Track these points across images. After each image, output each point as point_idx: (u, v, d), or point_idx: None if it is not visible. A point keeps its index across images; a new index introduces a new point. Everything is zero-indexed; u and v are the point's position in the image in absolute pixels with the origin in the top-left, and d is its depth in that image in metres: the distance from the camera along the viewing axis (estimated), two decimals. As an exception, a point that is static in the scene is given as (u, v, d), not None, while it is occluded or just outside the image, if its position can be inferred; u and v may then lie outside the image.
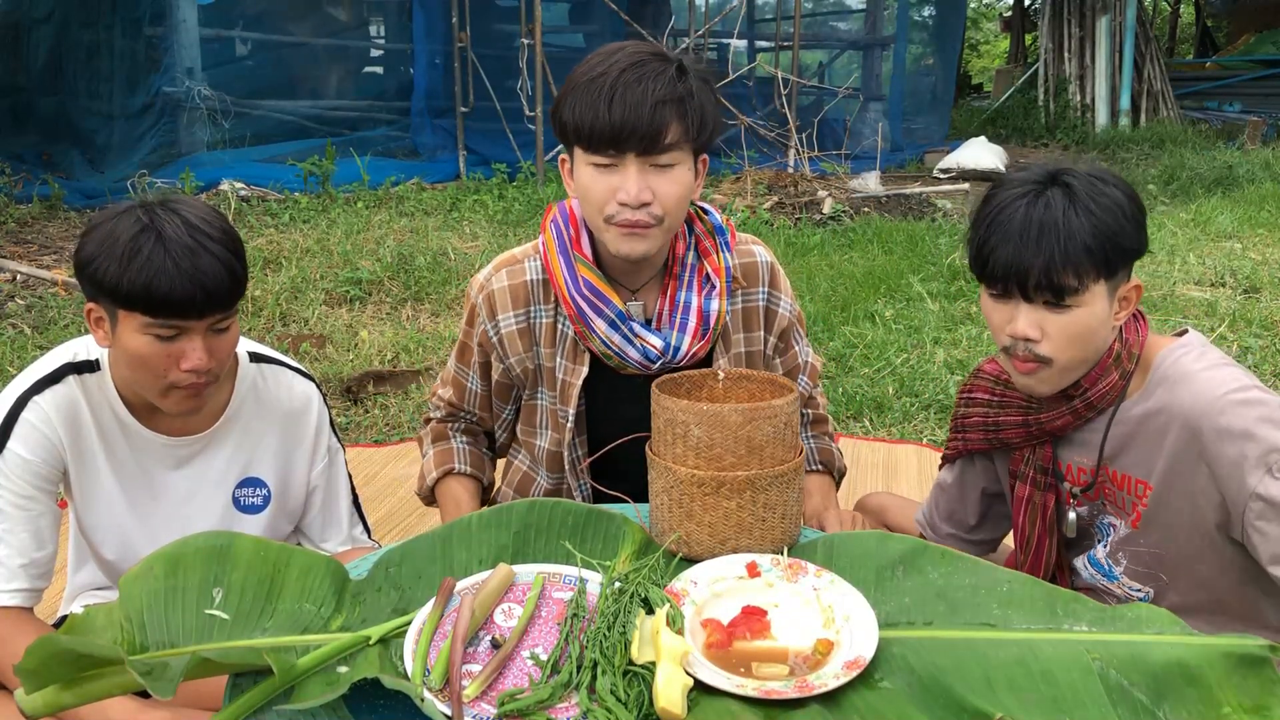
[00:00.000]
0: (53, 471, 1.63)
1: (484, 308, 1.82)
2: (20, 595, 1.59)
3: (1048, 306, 1.48)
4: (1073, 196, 1.46)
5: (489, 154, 9.00)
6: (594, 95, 1.57)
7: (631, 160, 1.60)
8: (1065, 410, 1.59)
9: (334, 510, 1.89)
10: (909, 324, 4.94)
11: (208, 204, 1.61)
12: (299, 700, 1.12)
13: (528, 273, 1.80)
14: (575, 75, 1.63)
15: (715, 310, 1.77)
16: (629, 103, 1.56)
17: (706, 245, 1.80)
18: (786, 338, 1.93)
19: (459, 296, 5.37)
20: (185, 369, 1.54)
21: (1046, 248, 1.43)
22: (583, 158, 1.63)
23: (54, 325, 4.75)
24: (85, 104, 8.16)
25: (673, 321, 1.76)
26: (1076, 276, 1.44)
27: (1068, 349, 1.49)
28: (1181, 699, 1.11)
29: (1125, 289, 1.52)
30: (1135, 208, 1.49)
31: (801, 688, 1.13)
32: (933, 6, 13.61)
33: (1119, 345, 1.55)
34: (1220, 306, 5.18)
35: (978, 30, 25.29)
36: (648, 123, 1.56)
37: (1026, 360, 1.52)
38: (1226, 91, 14.05)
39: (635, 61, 1.59)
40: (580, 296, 1.73)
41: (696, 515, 1.39)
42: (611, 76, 1.57)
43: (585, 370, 1.78)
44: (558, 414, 1.83)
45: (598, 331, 1.73)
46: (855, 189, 8.57)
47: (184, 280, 1.48)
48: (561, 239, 1.78)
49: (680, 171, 1.64)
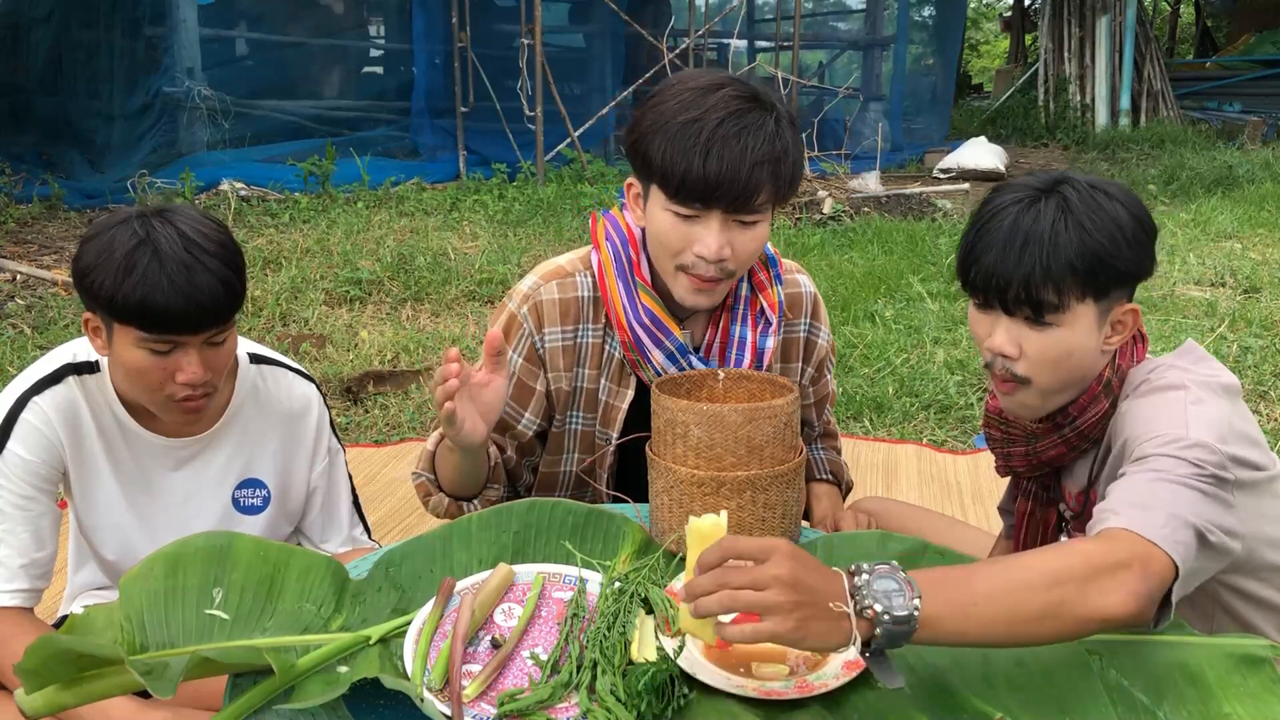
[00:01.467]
0: (53, 472, 1.63)
1: (530, 318, 1.70)
2: (20, 595, 1.59)
3: (1028, 323, 1.39)
4: (1067, 208, 1.36)
5: (489, 154, 9.00)
6: (687, 144, 1.47)
7: (716, 216, 1.51)
8: (1058, 440, 1.50)
9: (334, 511, 1.89)
10: (909, 324, 4.94)
11: (207, 213, 1.60)
12: (299, 700, 1.12)
13: (579, 289, 1.71)
14: (665, 106, 1.52)
15: (770, 348, 1.73)
16: (726, 160, 1.46)
17: (761, 279, 1.74)
18: (821, 368, 1.90)
19: (459, 296, 5.37)
20: (181, 382, 1.54)
21: (1029, 260, 1.35)
22: (662, 200, 1.54)
23: (54, 325, 4.75)
24: (85, 104, 8.15)
25: (727, 357, 1.71)
26: (1057, 293, 1.35)
27: (1045, 371, 1.40)
28: (1181, 699, 1.11)
29: (1120, 313, 1.41)
30: (1137, 227, 1.38)
31: (801, 688, 1.13)
32: (933, 6, 13.61)
33: (1110, 373, 1.44)
34: (1220, 306, 5.18)
35: (978, 30, 25.30)
36: (743, 185, 1.48)
37: (1005, 380, 1.44)
38: (1226, 91, 14.04)
39: (735, 111, 1.49)
40: (640, 326, 1.66)
41: (696, 515, 1.39)
42: (709, 126, 1.47)
43: (631, 394, 1.72)
44: (595, 436, 1.77)
45: (654, 362, 1.67)
46: (855, 189, 8.57)
47: (179, 297, 1.47)
48: (619, 262, 1.68)
49: (761, 229, 1.56)
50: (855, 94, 11.61)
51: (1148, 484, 1.22)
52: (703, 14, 9.98)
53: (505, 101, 8.95)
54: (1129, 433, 1.36)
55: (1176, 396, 1.35)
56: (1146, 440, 1.29)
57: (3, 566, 1.58)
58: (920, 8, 13.52)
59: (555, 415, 1.76)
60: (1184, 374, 1.39)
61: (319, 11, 9.66)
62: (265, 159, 8.21)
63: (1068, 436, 1.49)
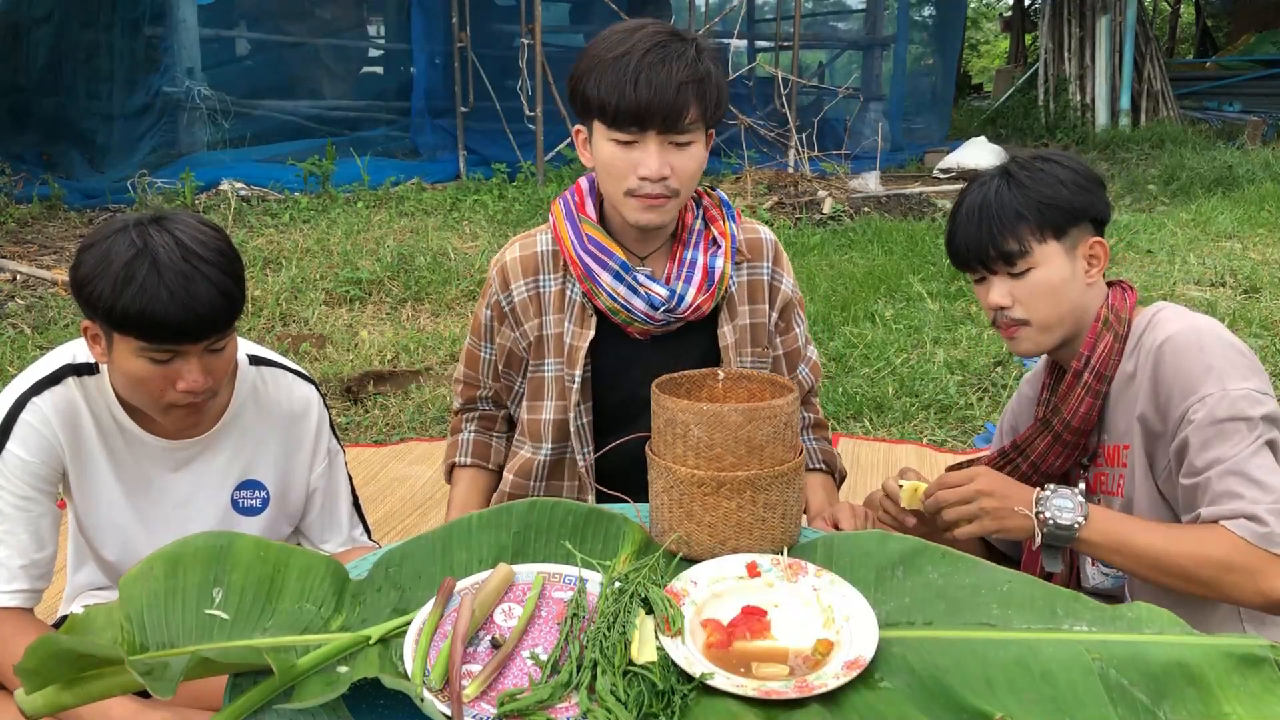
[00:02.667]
0: (52, 473, 1.63)
1: (497, 279, 1.90)
2: (21, 596, 1.59)
3: (1009, 276, 1.62)
4: (1010, 178, 1.64)
5: (489, 154, 9.00)
6: (619, 74, 1.63)
7: (653, 138, 1.67)
8: (1082, 392, 1.64)
9: (334, 512, 1.89)
10: (909, 324, 4.94)
11: (205, 219, 1.59)
12: (299, 700, 1.12)
13: (539, 244, 1.89)
14: (597, 50, 1.69)
15: (720, 268, 1.84)
16: (654, 84, 1.62)
17: (714, 214, 1.89)
18: (788, 316, 1.99)
19: (459, 296, 5.37)
20: (182, 390, 1.54)
21: (985, 223, 1.62)
22: (604, 132, 1.70)
23: (54, 325, 4.75)
24: (85, 104, 8.16)
25: (679, 274, 1.83)
26: (1017, 240, 1.60)
27: (1039, 307, 1.62)
28: (1181, 699, 1.10)
29: (1086, 247, 1.63)
30: (1076, 175, 1.63)
31: (801, 688, 1.13)
32: (933, 6, 13.61)
33: (1106, 310, 1.63)
34: (1220, 306, 5.18)
35: (978, 30, 25.30)
36: (671, 103, 1.63)
37: (1008, 326, 1.66)
38: (1226, 91, 14.04)
39: (658, 42, 1.65)
40: (585, 253, 1.81)
41: (696, 515, 1.39)
42: (636, 56, 1.63)
43: (592, 333, 1.84)
44: (564, 379, 1.87)
45: (603, 284, 1.79)
46: (855, 189, 8.57)
47: (178, 307, 1.46)
48: (568, 206, 1.87)
49: (696, 148, 1.72)
50: (855, 94, 11.61)
51: (1252, 454, 1.45)
52: (703, 14, 9.99)
53: (505, 101, 8.95)
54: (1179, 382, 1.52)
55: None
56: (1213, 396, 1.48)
57: (3, 567, 1.58)
58: (920, 8, 13.52)
59: (530, 362, 1.92)
60: (1213, 320, 1.58)
61: (319, 11, 9.65)
62: (265, 159, 8.21)
63: (1089, 383, 1.64)
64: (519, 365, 1.94)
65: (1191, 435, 1.47)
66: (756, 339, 1.91)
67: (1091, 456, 1.70)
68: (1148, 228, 7.01)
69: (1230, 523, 1.42)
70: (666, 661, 1.16)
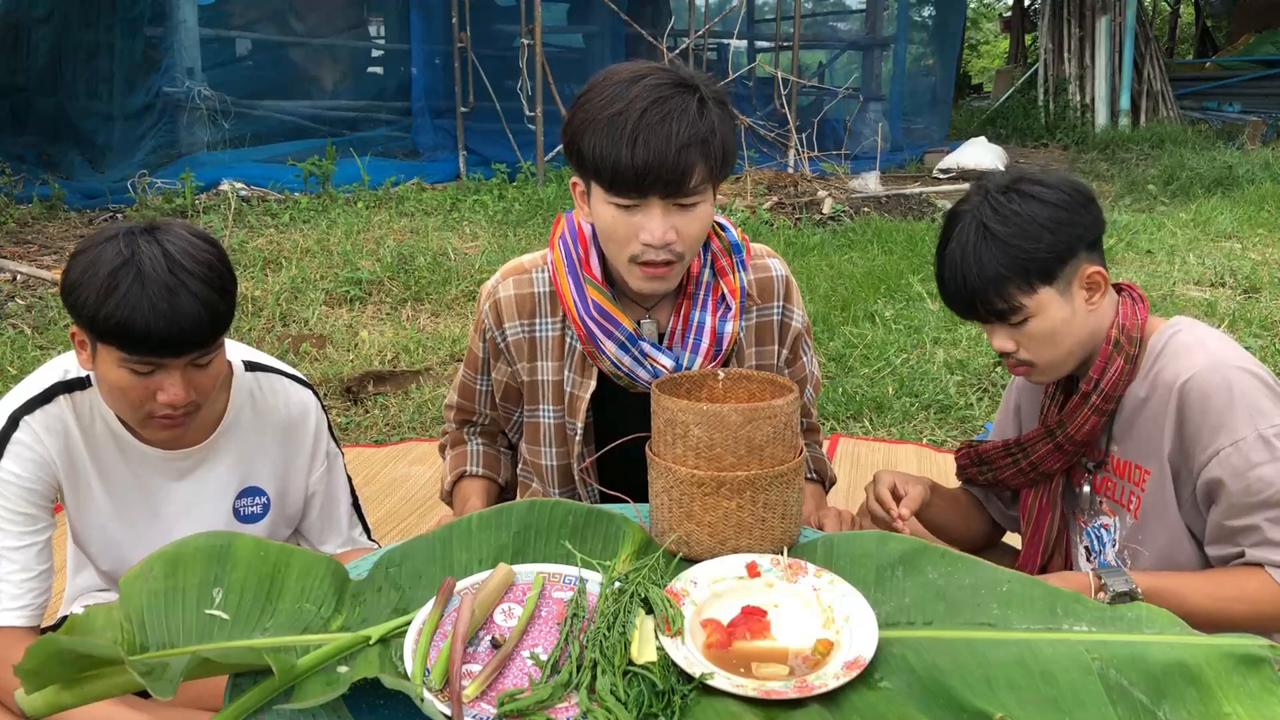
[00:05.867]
0: (48, 489, 1.62)
1: (490, 315, 1.81)
2: (25, 614, 1.58)
3: (1009, 325, 1.56)
4: (985, 231, 1.52)
5: (489, 154, 9.00)
6: (615, 136, 1.51)
7: (655, 202, 1.55)
8: (1089, 412, 1.61)
9: (333, 514, 1.89)
10: (909, 324, 4.94)
11: (200, 231, 1.55)
12: (299, 700, 1.12)
13: (535, 285, 1.79)
14: (591, 105, 1.56)
15: (729, 332, 1.76)
16: (653, 147, 1.50)
17: (723, 264, 1.78)
18: (795, 349, 1.93)
19: (459, 296, 5.37)
20: (162, 402, 1.52)
21: (969, 286, 1.54)
22: (602, 195, 1.58)
23: (54, 325, 4.75)
24: (85, 104, 8.16)
25: (685, 341, 1.75)
26: (1004, 299, 1.53)
27: (1042, 351, 1.57)
28: (1181, 699, 1.11)
29: (1084, 277, 1.55)
30: (1056, 209, 1.52)
31: (801, 688, 1.13)
32: (933, 6, 13.61)
33: (1116, 331, 1.58)
34: (1220, 306, 5.18)
35: (978, 30, 25.29)
36: (673, 167, 1.51)
37: (1015, 366, 1.62)
38: (1226, 91, 14.04)
39: (657, 98, 1.52)
40: (590, 319, 1.71)
41: (696, 515, 1.39)
42: (634, 116, 1.51)
43: (593, 384, 1.77)
44: (565, 428, 1.82)
45: (607, 353, 1.72)
46: (855, 189, 8.57)
47: (159, 320, 1.43)
48: (570, 259, 1.75)
49: (703, 208, 1.60)
50: (855, 94, 11.61)
51: None
52: (703, 14, 9.98)
53: (505, 101, 8.95)
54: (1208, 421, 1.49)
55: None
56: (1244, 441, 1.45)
57: (6, 583, 1.57)
58: (920, 8, 13.52)
59: (525, 406, 1.85)
60: (1231, 342, 1.55)
61: (319, 11, 9.65)
62: (265, 159, 8.21)
63: (1096, 404, 1.60)
64: (515, 398, 1.88)
65: (1228, 479, 1.46)
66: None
67: (1099, 463, 1.69)
68: (1147, 228, 7.01)
69: (1276, 570, 1.46)
70: (666, 661, 1.16)
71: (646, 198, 1.55)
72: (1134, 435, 1.60)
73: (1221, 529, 1.50)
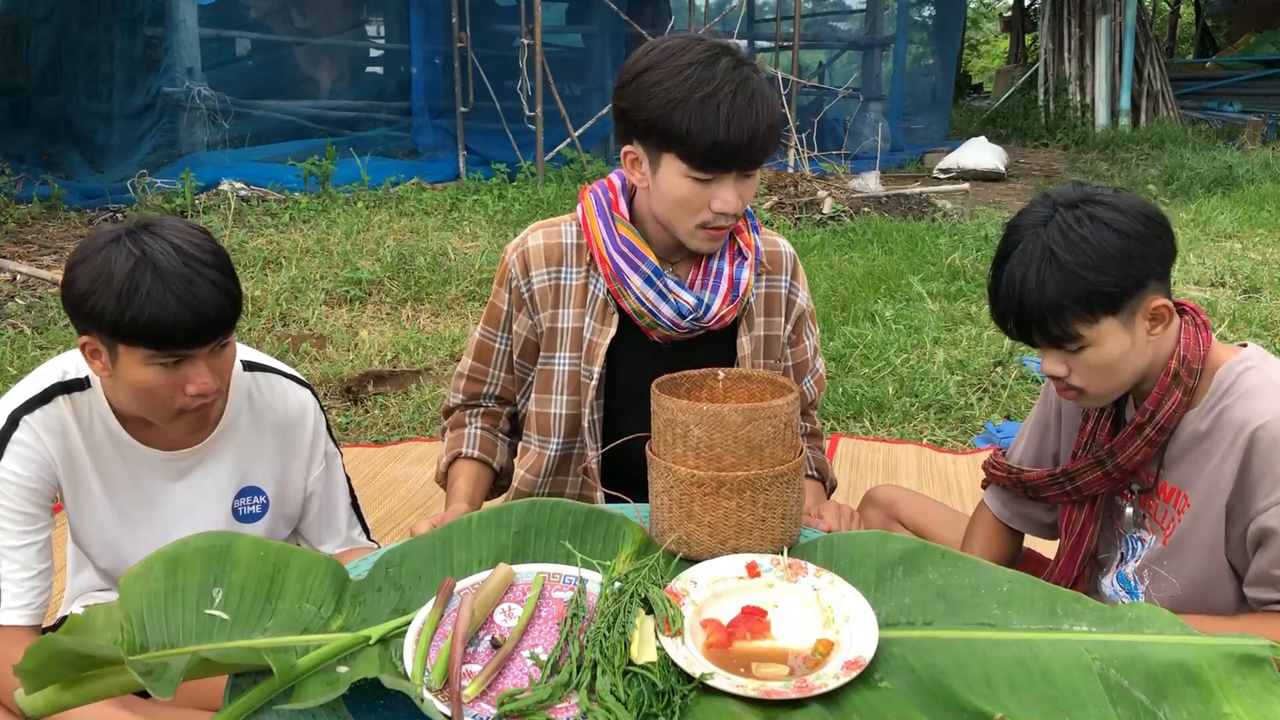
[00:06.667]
0: (48, 489, 1.62)
1: (517, 264, 1.88)
2: (26, 613, 1.58)
3: (1064, 350, 1.48)
4: (1050, 250, 1.43)
5: (489, 154, 9.00)
6: (709, 118, 1.60)
7: (732, 175, 1.67)
8: (1141, 443, 1.55)
9: (332, 515, 1.89)
10: (909, 324, 4.94)
11: (191, 221, 1.58)
12: (299, 700, 1.12)
13: (564, 236, 1.87)
14: (670, 84, 1.62)
15: (745, 279, 1.84)
16: (747, 128, 1.61)
17: (740, 224, 1.87)
18: (799, 328, 1.99)
19: (459, 296, 5.37)
20: (193, 393, 1.54)
21: (1027, 311, 1.46)
22: (681, 169, 1.66)
23: (54, 325, 4.75)
24: (85, 104, 8.16)
25: (705, 283, 1.83)
26: (1062, 328, 1.45)
27: (1095, 380, 1.50)
28: (1181, 699, 1.11)
29: (1149, 309, 1.46)
30: (1128, 239, 1.42)
31: (801, 688, 1.13)
32: (933, 6, 13.62)
33: (1176, 363, 1.50)
34: (1220, 306, 5.18)
35: (978, 30, 25.30)
36: (760, 149, 1.64)
37: (1065, 390, 1.55)
38: (1226, 91, 14.04)
39: (741, 81, 1.62)
40: (617, 253, 1.80)
41: (696, 515, 1.39)
42: (725, 98, 1.60)
43: (613, 331, 1.83)
44: (580, 374, 1.87)
45: (633, 287, 1.79)
46: (855, 189, 8.57)
47: (186, 312, 1.46)
48: (600, 204, 1.85)
49: (756, 175, 1.72)
50: (855, 94, 11.61)
51: None
52: (703, 14, 9.98)
53: (505, 101, 8.95)
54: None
55: None
56: None
57: (7, 582, 1.57)
58: (920, 8, 13.53)
59: (541, 353, 1.91)
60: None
61: (318, 11, 9.66)
62: (265, 159, 8.21)
63: (1150, 436, 1.55)
64: (533, 355, 1.92)
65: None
66: (770, 350, 1.92)
67: (1146, 489, 1.64)
68: (1148, 228, 7.00)
69: None
70: (666, 661, 1.16)
71: (729, 172, 1.66)
72: (1185, 464, 1.54)
73: (1267, 576, 1.47)
